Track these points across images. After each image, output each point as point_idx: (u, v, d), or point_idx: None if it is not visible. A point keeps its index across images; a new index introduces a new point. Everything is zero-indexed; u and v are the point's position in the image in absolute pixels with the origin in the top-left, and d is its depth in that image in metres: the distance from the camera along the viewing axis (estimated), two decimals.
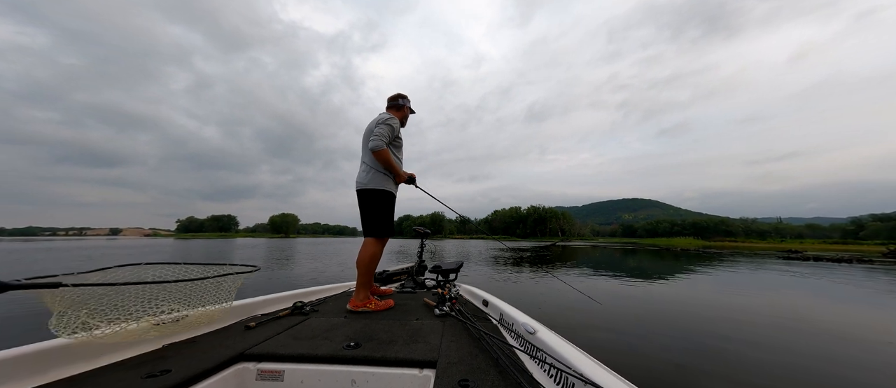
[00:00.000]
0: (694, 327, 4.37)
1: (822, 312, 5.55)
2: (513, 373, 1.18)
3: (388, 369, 1.33)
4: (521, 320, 1.67)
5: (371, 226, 2.38)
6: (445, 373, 1.22)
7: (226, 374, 1.30)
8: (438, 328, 1.78)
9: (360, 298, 2.26)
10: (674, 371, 2.94)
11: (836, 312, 5.58)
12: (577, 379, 1.06)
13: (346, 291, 2.90)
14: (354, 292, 2.30)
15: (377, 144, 2.26)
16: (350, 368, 1.35)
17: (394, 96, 2.64)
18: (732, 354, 3.39)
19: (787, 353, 3.46)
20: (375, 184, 2.37)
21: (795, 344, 3.75)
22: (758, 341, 3.80)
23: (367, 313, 2.17)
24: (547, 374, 1.25)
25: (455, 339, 1.59)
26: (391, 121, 2.39)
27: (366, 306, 2.22)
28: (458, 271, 3.02)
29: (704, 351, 3.46)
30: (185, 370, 1.21)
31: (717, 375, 2.89)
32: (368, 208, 2.40)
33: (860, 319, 5.09)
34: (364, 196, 2.41)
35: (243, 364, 1.38)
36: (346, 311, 2.19)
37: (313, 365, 1.37)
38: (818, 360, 3.28)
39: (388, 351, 1.42)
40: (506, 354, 1.36)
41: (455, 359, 1.34)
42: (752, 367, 3.06)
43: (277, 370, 1.36)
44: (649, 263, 15.05)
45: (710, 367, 3.05)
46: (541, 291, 6.97)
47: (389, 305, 2.32)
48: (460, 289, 2.80)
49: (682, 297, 6.49)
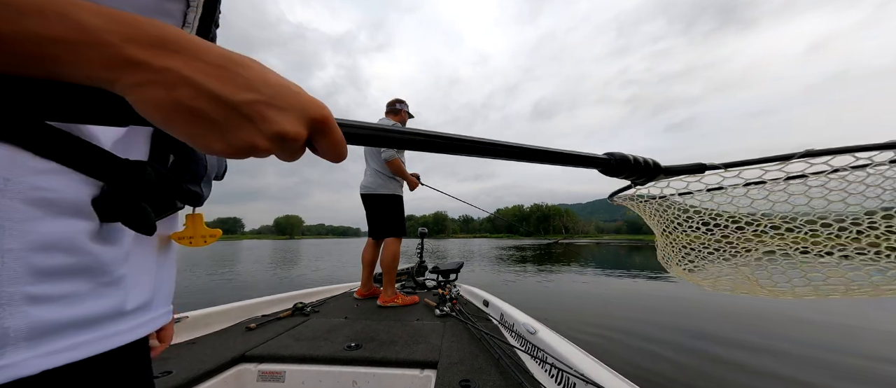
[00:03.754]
0: (700, 325, 4.34)
1: (840, 306, 5.43)
2: (514, 373, 1.18)
3: (389, 369, 1.33)
4: (522, 320, 1.66)
5: (389, 228, 2.59)
6: (446, 373, 1.21)
7: (227, 375, 1.31)
8: (439, 328, 1.77)
9: (389, 294, 2.43)
10: (676, 372, 2.92)
11: (856, 307, 5.46)
12: (578, 379, 1.05)
13: (346, 291, 2.91)
14: (383, 290, 2.47)
15: (390, 154, 2.47)
16: (351, 369, 1.35)
17: (392, 102, 2.75)
18: (736, 354, 3.36)
19: (798, 352, 3.42)
20: (387, 189, 2.59)
21: (811, 341, 3.70)
22: (763, 339, 3.76)
23: (387, 309, 2.32)
24: (548, 374, 1.24)
25: (456, 339, 1.59)
26: (395, 126, 2.53)
27: (394, 301, 2.40)
28: (458, 271, 3.02)
29: (707, 351, 3.44)
30: (186, 371, 1.22)
31: (720, 375, 2.87)
32: (382, 211, 2.59)
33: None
34: (376, 201, 2.61)
35: (244, 365, 1.38)
36: (347, 311, 2.21)
37: (314, 366, 1.37)
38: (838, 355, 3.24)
39: (389, 352, 1.42)
40: (507, 354, 1.36)
41: (456, 359, 1.34)
42: (756, 367, 3.03)
43: (278, 372, 1.36)
44: (655, 261, 14.99)
45: (713, 367, 3.02)
46: (542, 291, 6.96)
47: (415, 300, 2.49)
48: (461, 289, 2.80)
49: (686, 294, 6.44)
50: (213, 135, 0.21)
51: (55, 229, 0.23)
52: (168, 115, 0.20)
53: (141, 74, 0.19)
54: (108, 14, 0.18)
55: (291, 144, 0.23)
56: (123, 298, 0.29)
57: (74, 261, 0.24)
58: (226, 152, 0.22)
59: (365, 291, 2.65)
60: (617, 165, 0.48)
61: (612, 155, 0.48)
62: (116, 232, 0.29)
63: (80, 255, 0.25)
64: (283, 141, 0.23)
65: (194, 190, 0.39)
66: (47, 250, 0.23)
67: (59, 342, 0.24)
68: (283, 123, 0.22)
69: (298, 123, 0.23)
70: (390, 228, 2.59)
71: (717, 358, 3.19)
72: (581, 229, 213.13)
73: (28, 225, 0.22)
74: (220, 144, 0.22)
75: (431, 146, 0.35)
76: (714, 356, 3.26)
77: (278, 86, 0.23)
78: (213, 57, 0.21)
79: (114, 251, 0.28)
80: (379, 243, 2.68)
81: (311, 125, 0.24)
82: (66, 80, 0.19)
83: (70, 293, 0.24)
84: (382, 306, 2.35)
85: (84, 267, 0.25)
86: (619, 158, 0.48)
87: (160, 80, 0.19)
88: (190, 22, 0.33)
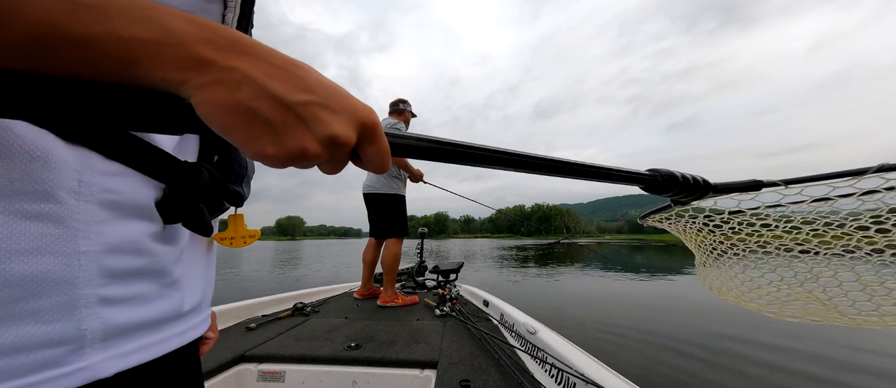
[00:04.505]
0: (701, 325, 4.33)
1: None
2: (514, 373, 1.18)
3: (389, 369, 1.33)
4: (522, 320, 1.66)
5: (390, 228, 2.60)
6: (446, 373, 1.21)
7: (227, 375, 1.31)
8: (439, 328, 1.77)
9: (389, 294, 2.43)
10: (677, 372, 2.91)
11: None
12: (579, 379, 1.05)
13: (346, 291, 2.91)
14: (383, 290, 2.47)
15: None
16: (351, 369, 1.35)
17: (395, 102, 2.76)
18: (736, 354, 3.35)
19: (806, 348, 3.40)
20: (389, 189, 2.60)
21: (818, 345, 3.68)
22: (768, 340, 3.74)
23: (387, 309, 2.33)
24: (548, 374, 1.24)
25: (456, 339, 1.58)
26: (399, 126, 2.65)
27: (394, 301, 2.41)
28: (458, 271, 3.02)
29: (709, 351, 3.42)
30: None
31: (720, 375, 2.85)
32: (384, 211, 2.60)
33: None
34: (378, 200, 2.62)
35: (244, 365, 1.38)
36: (347, 311, 2.21)
37: (314, 366, 1.37)
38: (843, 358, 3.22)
39: (389, 352, 1.41)
40: (507, 354, 1.36)
41: (456, 359, 1.34)
42: (757, 368, 3.02)
43: (278, 372, 1.37)
44: (658, 260, 14.93)
45: (714, 367, 3.01)
46: (543, 291, 6.95)
47: (415, 300, 2.49)
48: (461, 289, 2.79)
49: (687, 294, 6.42)
50: (268, 137, 0.21)
51: (124, 231, 0.24)
52: (228, 116, 0.20)
53: (209, 74, 0.19)
54: (186, 17, 0.19)
55: (342, 149, 0.23)
56: (181, 299, 0.30)
57: (142, 263, 0.25)
58: (278, 156, 0.21)
59: (365, 291, 2.65)
60: (663, 182, 0.45)
61: (658, 171, 0.45)
62: (176, 234, 0.29)
63: (146, 257, 0.25)
64: (334, 145, 0.23)
65: (237, 190, 0.39)
66: (118, 253, 0.23)
67: (130, 343, 0.24)
68: (335, 126, 0.22)
69: (349, 126, 0.23)
70: (392, 228, 2.60)
71: (717, 358, 3.18)
72: (582, 228, 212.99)
73: (101, 227, 0.22)
74: (274, 147, 0.21)
75: (468, 158, 0.33)
76: (714, 355, 3.25)
77: (331, 89, 0.23)
78: (275, 59, 0.21)
79: (174, 253, 0.29)
80: (380, 242, 2.68)
81: (361, 130, 0.24)
82: (138, 83, 0.19)
83: (138, 295, 0.25)
84: (382, 307, 2.35)
85: (149, 269, 0.26)
86: (666, 175, 0.44)
87: (226, 78, 0.19)
88: (228, 22, 0.33)
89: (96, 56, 0.17)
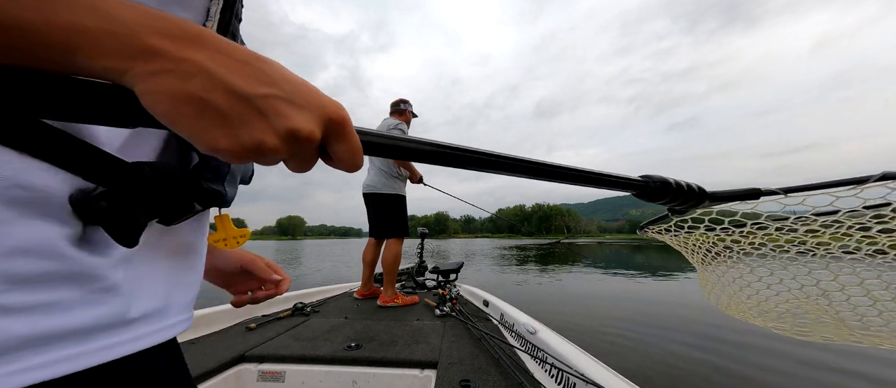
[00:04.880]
0: (701, 325, 4.32)
1: None
2: (514, 373, 1.17)
3: (390, 369, 1.33)
4: (522, 320, 1.66)
5: (390, 228, 2.61)
6: (446, 374, 1.21)
7: (227, 375, 1.31)
8: (439, 328, 1.77)
9: (389, 294, 2.44)
10: (677, 372, 2.91)
11: None
12: (579, 379, 1.05)
13: (346, 291, 2.91)
14: (383, 290, 2.48)
15: None
16: (351, 369, 1.35)
17: (396, 102, 2.77)
18: (737, 353, 3.34)
19: (803, 353, 3.40)
20: (390, 189, 2.61)
21: (818, 345, 3.67)
22: (768, 340, 3.74)
23: (387, 309, 2.33)
24: (548, 374, 1.24)
25: (456, 339, 1.58)
26: (401, 126, 2.66)
27: (394, 301, 2.41)
28: (458, 271, 3.02)
29: (710, 351, 3.42)
30: None
31: (721, 375, 2.85)
32: (385, 211, 2.60)
33: None
34: (378, 200, 2.62)
35: (244, 365, 1.38)
36: (347, 311, 2.21)
37: (314, 366, 1.37)
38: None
39: (389, 352, 1.41)
40: (507, 354, 1.36)
41: (456, 359, 1.34)
42: (757, 367, 3.01)
43: (278, 372, 1.36)
44: (659, 260, 14.91)
45: (714, 367, 3.01)
46: (543, 290, 6.94)
47: (415, 300, 2.49)
48: (461, 289, 2.79)
49: (687, 294, 6.41)
50: (221, 130, 0.20)
51: (32, 231, 0.21)
52: (176, 107, 0.19)
53: (157, 63, 0.18)
54: (140, 8, 0.18)
55: (304, 145, 0.22)
56: (126, 305, 0.27)
57: (57, 267, 0.22)
58: (232, 149, 0.20)
59: (365, 291, 2.65)
60: (656, 189, 0.43)
61: (650, 178, 0.43)
62: (108, 237, 0.27)
63: (61, 261, 0.23)
64: (295, 140, 0.22)
65: (215, 189, 0.36)
66: (23, 256, 0.21)
67: (39, 355, 0.22)
68: (297, 120, 0.21)
69: (313, 121, 0.22)
70: (393, 228, 2.60)
71: (717, 358, 3.17)
72: (583, 228, 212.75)
73: (4, 228, 0.20)
74: (227, 140, 0.20)
75: (456, 161, 0.32)
76: (715, 355, 3.24)
77: (297, 83, 0.22)
78: (236, 53, 0.20)
79: (104, 256, 0.26)
80: (380, 242, 2.68)
81: (328, 126, 0.23)
82: (75, 71, 0.18)
83: (53, 302, 0.22)
84: (382, 306, 2.36)
85: (69, 273, 0.23)
86: (659, 181, 0.43)
87: (177, 69, 0.18)
88: (212, 15, 0.32)
89: (29, 42, 0.16)
